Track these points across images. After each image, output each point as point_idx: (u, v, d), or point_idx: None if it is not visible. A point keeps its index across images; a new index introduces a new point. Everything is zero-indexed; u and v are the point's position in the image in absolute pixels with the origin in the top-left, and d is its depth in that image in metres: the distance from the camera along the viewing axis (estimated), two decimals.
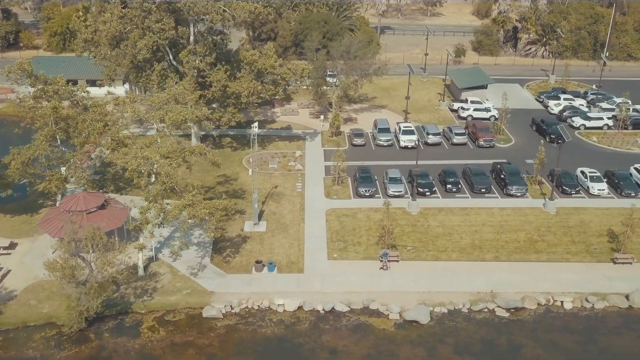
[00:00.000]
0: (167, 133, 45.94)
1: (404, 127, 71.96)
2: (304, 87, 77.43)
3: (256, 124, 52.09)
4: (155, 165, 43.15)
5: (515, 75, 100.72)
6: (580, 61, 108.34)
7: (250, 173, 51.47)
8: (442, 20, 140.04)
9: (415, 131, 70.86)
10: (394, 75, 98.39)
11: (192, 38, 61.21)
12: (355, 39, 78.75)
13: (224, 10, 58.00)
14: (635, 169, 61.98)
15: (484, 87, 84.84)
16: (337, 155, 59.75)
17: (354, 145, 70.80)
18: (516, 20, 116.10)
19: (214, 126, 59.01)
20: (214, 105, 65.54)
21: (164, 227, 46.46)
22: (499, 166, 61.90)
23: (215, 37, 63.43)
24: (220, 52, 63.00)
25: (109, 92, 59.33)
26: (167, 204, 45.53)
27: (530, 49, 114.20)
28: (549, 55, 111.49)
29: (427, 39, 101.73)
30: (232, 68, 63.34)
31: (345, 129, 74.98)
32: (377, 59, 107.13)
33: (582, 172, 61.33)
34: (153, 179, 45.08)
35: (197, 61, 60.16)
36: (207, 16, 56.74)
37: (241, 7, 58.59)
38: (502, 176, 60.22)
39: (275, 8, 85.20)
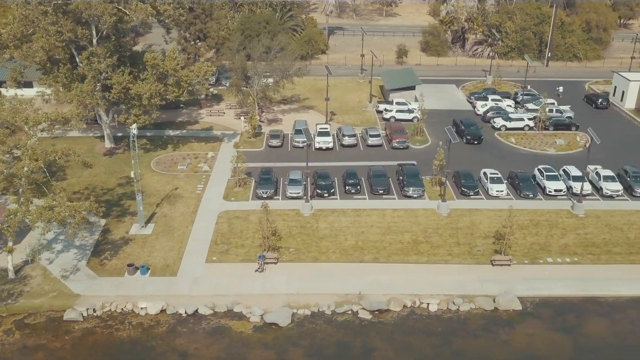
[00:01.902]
0: (32, 134, 45.62)
1: (319, 128, 71.94)
2: (224, 88, 77.65)
3: (135, 125, 51.84)
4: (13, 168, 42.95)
5: (456, 75, 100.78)
6: (522, 62, 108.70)
7: (132, 174, 51.30)
8: (397, 21, 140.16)
9: (330, 133, 71.17)
10: (335, 76, 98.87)
11: (94, 40, 61.02)
12: (276, 40, 78.56)
13: (119, 11, 57.89)
14: (539, 170, 62.14)
15: (412, 88, 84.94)
16: (237, 157, 59.82)
17: (270, 147, 70.88)
18: (464, 20, 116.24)
19: (84, 125, 58.54)
20: (122, 107, 65.60)
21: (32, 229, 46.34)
22: (400, 168, 62.06)
23: (122, 39, 63.28)
24: (124, 54, 62.84)
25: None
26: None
27: (477, 49, 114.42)
28: (494, 55, 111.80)
29: (363, 39, 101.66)
30: (139, 70, 63.23)
31: (270, 129, 75.13)
32: (324, 59, 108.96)
33: (484, 173, 61.47)
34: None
35: (97, 63, 60.01)
36: (101, 18, 56.47)
37: (139, 9, 58.47)
38: (401, 177, 60.33)
39: (204, 9, 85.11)
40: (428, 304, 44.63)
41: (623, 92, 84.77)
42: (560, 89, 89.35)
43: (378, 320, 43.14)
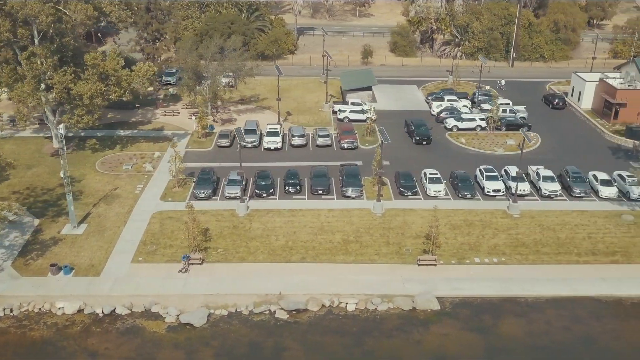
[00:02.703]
0: None
1: (269, 128, 72.01)
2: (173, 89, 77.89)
3: (62, 125, 51.82)
4: None
5: (420, 76, 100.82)
6: (490, 62, 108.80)
7: (62, 174, 51.37)
8: (371, 21, 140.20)
9: (280, 133, 71.28)
10: (298, 76, 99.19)
11: (36, 40, 60.99)
12: (230, 40, 78.57)
13: (58, 11, 57.91)
14: (480, 170, 62.22)
15: (368, 88, 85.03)
16: (175, 156, 59.86)
17: (219, 147, 70.90)
18: (432, 20, 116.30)
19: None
20: (67, 107, 65.58)
21: None
22: (341, 168, 62.14)
23: (64, 39, 63.24)
24: (66, 54, 62.78)
25: None
26: None
27: (444, 49, 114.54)
28: (461, 56, 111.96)
29: (324, 40, 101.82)
30: (83, 70, 63.21)
31: (221, 129, 75.15)
32: (292, 59, 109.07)
33: (424, 174, 61.54)
34: None
35: (38, 62, 60.02)
36: (37, 18, 56.46)
37: (79, 9, 58.47)
38: (341, 178, 60.39)
39: (162, 9, 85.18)
40: (346, 303, 44.66)
41: (580, 92, 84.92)
42: (502, 81, 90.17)
43: (294, 321, 43.16)
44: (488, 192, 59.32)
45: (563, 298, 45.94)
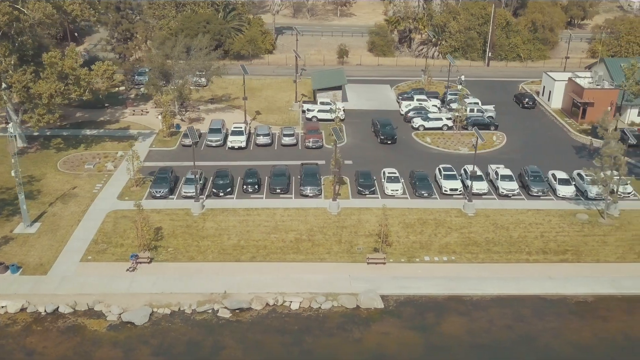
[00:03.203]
0: None
1: (234, 127, 72.02)
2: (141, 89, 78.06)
3: (11, 124, 51.82)
4: None
5: (395, 75, 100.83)
6: (462, 61, 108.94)
7: (12, 173, 51.38)
8: (352, 21, 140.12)
9: (245, 132, 71.30)
10: (272, 75, 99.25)
11: None
12: (196, 39, 78.54)
13: (14, 10, 57.92)
14: (439, 169, 62.27)
15: (338, 88, 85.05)
16: (132, 155, 59.82)
17: (184, 146, 70.87)
18: (410, 20, 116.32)
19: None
20: (27, 106, 65.51)
21: None
22: (301, 166, 62.16)
23: (24, 38, 63.19)
24: (26, 53, 62.73)
25: None
26: None
27: (422, 49, 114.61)
28: (438, 55, 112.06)
29: (297, 40, 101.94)
30: (44, 69, 63.17)
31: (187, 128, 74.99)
32: (270, 59, 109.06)
33: (383, 173, 61.59)
34: None
35: None
36: None
37: (37, 8, 58.48)
38: (299, 177, 60.45)
39: (132, 8, 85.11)
40: (290, 302, 44.73)
41: (550, 92, 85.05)
42: (462, 77, 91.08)
43: (236, 319, 43.16)
44: (445, 191, 59.45)
45: (509, 297, 45.98)
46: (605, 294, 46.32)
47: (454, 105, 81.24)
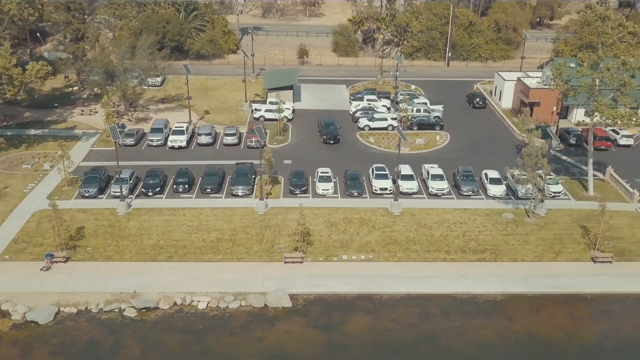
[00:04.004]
0: None
1: (174, 127, 72.04)
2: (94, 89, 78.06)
3: None
4: None
5: (354, 75, 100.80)
6: (424, 61, 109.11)
7: None
8: (321, 21, 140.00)
9: (186, 131, 71.34)
10: (230, 75, 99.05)
11: None
12: (141, 39, 78.53)
13: None
14: (372, 169, 62.34)
15: (289, 88, 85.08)
16: (63, 155, 59.75)
17: (125, 145, 70.86)
18: (373, 20, 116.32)
19: None
20: None
21: None
22: (236, 166, 62.27)
23: None
24: None
25: None
26: None
27: (385, 49, 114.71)
28: (400, 55, 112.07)
29: (253, 40, 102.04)
30: None
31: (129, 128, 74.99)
32: (232, 59, 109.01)
33: (317, 172, 61.63)
34: None
35: None
36: None
37: None
38: (232, 177, 60.55)
39: (83, 8, 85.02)
40: (198, 302, 44.80)
41: (500, 92, 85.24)
42: (397, 73, 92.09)
43: (141, 319, 43.17)
44: (375, 190, 59.55)
45: (419, 295, 46.07)
46: (516, 293, 46.40)
47: (402, 105, 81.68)
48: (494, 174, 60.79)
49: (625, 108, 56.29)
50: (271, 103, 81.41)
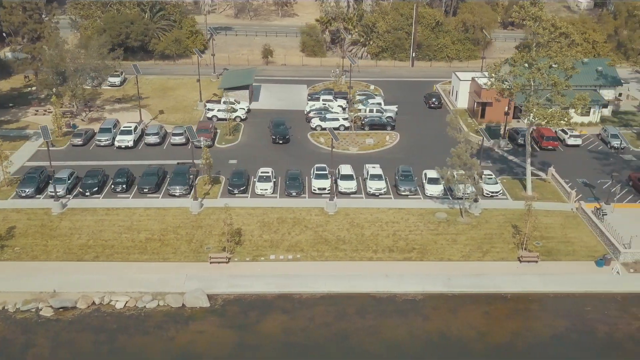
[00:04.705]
0: None
1: (122, 127, 72.06)
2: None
3: None
4: None
5: (317, 76, 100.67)
6: (389, 62, 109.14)
7: None
8: (294, 21, 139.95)
9: (134, 132, 71.38)
10: (190, 75, 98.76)
11: None
12: (93, 39, 78.61)
13: None
14: (313, 169, 62.40)
15: (246, 87, 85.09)
16: (0, 155, 59.80)
17: (74, 146, 70.85)
18: (340, 20, 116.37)
19: None
20: None
21: None
22: (177, 165, 62.35)
23: None
24: None
25: None
26: None
27: (352, 49, 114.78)
28: (367, 56, 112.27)
29: (214, 40, 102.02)
30: None
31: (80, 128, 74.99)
32: (195, 59, 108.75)
33: (258, 172, 61.72)
34: None
35: None
36: None
37: None
38: (169, 177, 60.65)
39: (39, 8, 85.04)
40: (116, 301, 44.86)
41: (457, 92, 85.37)
42: (337, 70, 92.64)
43: (57, 318, 43.21)
44: (314, 190, 59.64)
45: (339, 295, 46.14)
46: (436, 293, 46.50)
47: (357, 106, 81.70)
48: (432, 173, 60.81)
49: (559, 108, 56.48)
50: (225, 103, 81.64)
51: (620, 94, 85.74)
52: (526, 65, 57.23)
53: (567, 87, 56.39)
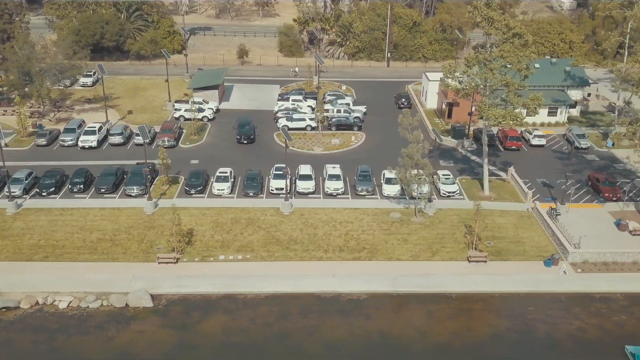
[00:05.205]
0: None
1: (87, 127, 72.04)
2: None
3: None
4: None
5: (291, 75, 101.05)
6: (365, 62, 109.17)
7: None
8: (274, 21, 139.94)
9: (97, 132, 71.38)
10: (164, 75, 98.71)
11: None
12: (59, 40, 78.70)
13: None
14: (273, 168, 62.44)
15: (215, 87, 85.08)
16: None
17: (37, 146, 70.83)
18: (319, 20, 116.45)
19: None
20: None
21: None
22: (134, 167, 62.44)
23: None
24: None
25: None
26: None
27: (329, 49, 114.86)
28: (343, 56, 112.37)
29: (189, 40, 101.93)
30: None
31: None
32: (176, 59, 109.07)
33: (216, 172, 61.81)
34: None
35: None
36: None
37: None
38: (123, 177, 60.80)
39: (8, 9, 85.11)
40: (60, 301, 44.89)
41: (426, 92, 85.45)
42: (297, 69, 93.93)
43: None
44: (272, 190, 59.71)
45: (284, 295, 46.17)
46: (381, 292, 46.53)
47: (327, 106, 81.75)
48: (390, 174, 60.94)
49: (513, 108, 56.56)
50: (193, 103, 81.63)
51: (589, 94, 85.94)
52: (482, 65, 57.34)
53: (522, 87, 56.57)
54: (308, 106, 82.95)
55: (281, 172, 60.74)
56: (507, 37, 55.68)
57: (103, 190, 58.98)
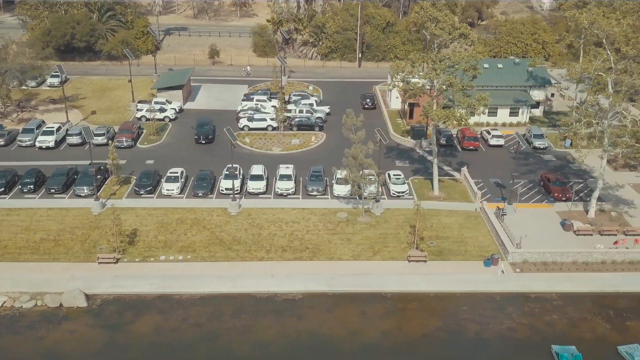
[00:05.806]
0: None
1: (44, 128, 72.06)
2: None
3: None
4: None
5: (263, 76, 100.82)
6: (337, 62, 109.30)
7: None
8: (252, 21, 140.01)
9: (56, 133, 71.36)
10: (134, 75, 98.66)
11: None
12: (22, 40, 78.79)
13: None
14: (225, 169, 62.55)
15: (179, 88, 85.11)
16: None
17: None
18: (292, 21, 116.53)
19: None
20: None
21: None
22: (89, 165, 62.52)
23: None
24: None
25: None
26: None
27: (302, 50, 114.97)
28: (317, 56, 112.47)
29: (163, 40, 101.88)
30: None
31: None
32: (148, 59, 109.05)
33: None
34: None
35: None
36: None
37: None
38: (75, 177, 60.80)
39: None
40: None
41: (391, 93, 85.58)
42: (248, 68, 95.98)
43: None
44: (222, 190, 59.77)
45: (220, 295, 46.20)
46: (317, 292, 46.54)
47: (290, 107, 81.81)
48: (341, 174, 61.06)
49: (460, 108, 56.73)
50: (156, 103, 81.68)
51: (552, 94, 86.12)
52: (428, 65, 57.60)
53: (470, 87, 56.74)
54: (272, 106, 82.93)
55: (235, 172, 61.09)
56: (454, 37, 55.85)
57: (53, 191, 58.99)
